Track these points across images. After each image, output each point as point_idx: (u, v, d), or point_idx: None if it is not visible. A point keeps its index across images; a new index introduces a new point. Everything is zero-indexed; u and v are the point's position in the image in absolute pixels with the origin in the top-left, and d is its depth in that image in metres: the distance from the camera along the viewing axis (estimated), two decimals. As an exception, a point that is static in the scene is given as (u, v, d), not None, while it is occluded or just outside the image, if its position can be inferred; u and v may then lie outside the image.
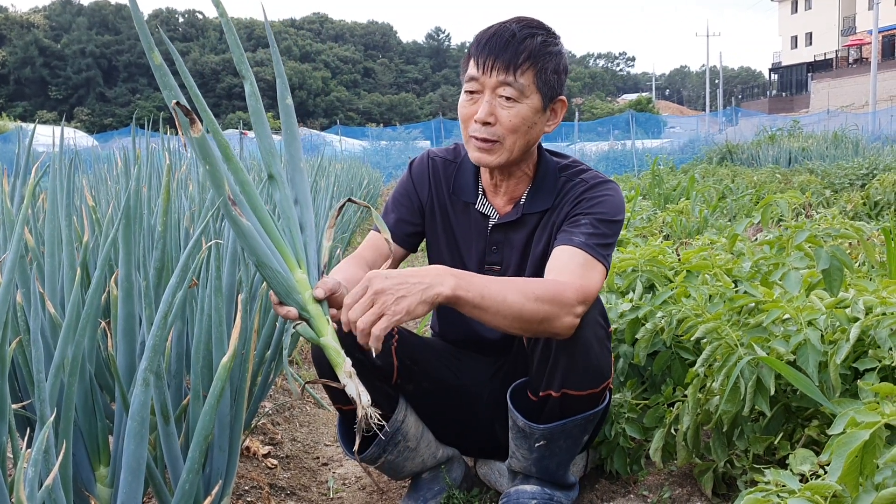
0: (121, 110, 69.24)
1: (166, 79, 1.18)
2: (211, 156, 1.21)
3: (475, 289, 1.47)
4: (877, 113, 25.42)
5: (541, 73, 1.69)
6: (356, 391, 1.32)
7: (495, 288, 1.50)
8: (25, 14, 76.24)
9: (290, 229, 1.36)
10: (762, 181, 7.78)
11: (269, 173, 1.35)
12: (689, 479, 2.00)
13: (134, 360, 1.49)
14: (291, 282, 1.34)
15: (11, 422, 1.16)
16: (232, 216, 1.25)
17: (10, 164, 5.55)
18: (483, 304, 1.48)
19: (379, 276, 1.39)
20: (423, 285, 1.41)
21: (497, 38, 1.68)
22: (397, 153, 21.97)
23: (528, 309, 1.53)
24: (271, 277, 1.32)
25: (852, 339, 1.63)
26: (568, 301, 1.59)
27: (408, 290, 1.39)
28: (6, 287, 1.07)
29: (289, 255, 1.35)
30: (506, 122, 1.70)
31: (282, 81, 1.37)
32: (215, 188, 1.24)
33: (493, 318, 1.51)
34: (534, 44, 1.68)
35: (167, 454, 1.38)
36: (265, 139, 1.37)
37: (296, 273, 1.35)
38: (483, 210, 1.90)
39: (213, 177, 1.22)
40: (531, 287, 1.55)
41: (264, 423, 2.58)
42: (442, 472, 2.01)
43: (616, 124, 25.79)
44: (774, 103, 47.92)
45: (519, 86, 1.68)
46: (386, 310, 1.36)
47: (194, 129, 1.18)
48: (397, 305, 1.37)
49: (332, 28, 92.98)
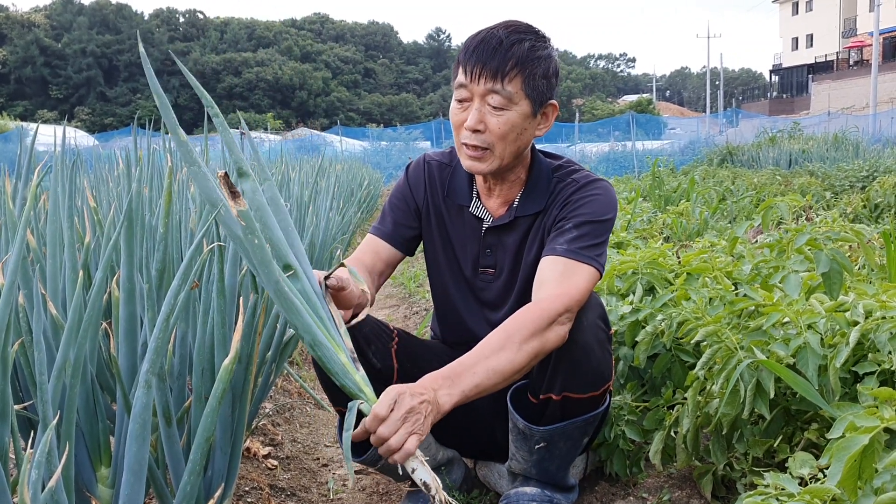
0: (121, 110, 69.26)
1: (190, 155, 1.22)
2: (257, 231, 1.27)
3: (467, 384, 1.49)
4: (877, 115, 25.42)
5: (529, 79, 1.69)
6: (430, 476, 1.34)
7: (482, 367, 1.52)
8: (26, 13, 76.26)
9: (319, 316, 1.38)
10: (762, 183, 7.78)
11: (285, 264, 1.36)
12: (689, 481, 2.00)
13: (136, 362, 1.50)
14: (343, 362, 1.37)
15: (14, 423, 1.16)
16: (284, 293, 1.29)
17: (10, 164, 5.55)
18: (480, 388, 1.51)
19: (406, 394, 1.40)
20: (429, 405, 1.43)
21: (484, 46, 1.68)
22: (398, 154, 21.99)
23: (518, 360, 1.56)
24: (327, 358, 1.36)
25: (852, 343, 1.63)
26: (550, 319, 1.61)
27: (425, 409, 1.42)
28: (8, 289, 1.07)
29: (330, 338, 1.37)
30: (495, 129, 1.70)
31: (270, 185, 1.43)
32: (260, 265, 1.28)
33: (496, 388, 1.55)
34: (521, 50, 1.67)
35: (169, 455, 1.39)
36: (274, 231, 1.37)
37: (341, 355, 1.38)
38: (477, 213, 1.91)
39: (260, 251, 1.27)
40: (513, 337, 1.57)
41: (265, 423, 2.58)
42: (442, 474, 2.01)
43: (616, 125, 25.82)
44: (775, 105, 47.93)
45: (507, 93, 1.68)
46: (416, 429, 1.39)
47: (239, 203, 1.23)
48: (422, 426, 1.40)
49: (333, 28, 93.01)
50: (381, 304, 5.02)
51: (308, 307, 1.35)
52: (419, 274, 5.34)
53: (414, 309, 4.72)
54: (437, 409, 1.44)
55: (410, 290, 5.21)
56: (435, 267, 2.00)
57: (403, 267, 5.85)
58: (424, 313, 4.44)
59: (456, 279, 1.96)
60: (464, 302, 1.97)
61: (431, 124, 28.18)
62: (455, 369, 1.51)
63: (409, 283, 5.31)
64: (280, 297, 1.27)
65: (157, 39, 76.15)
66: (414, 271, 5.52)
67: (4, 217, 1.75)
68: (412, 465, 1.36)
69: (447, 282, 1.98)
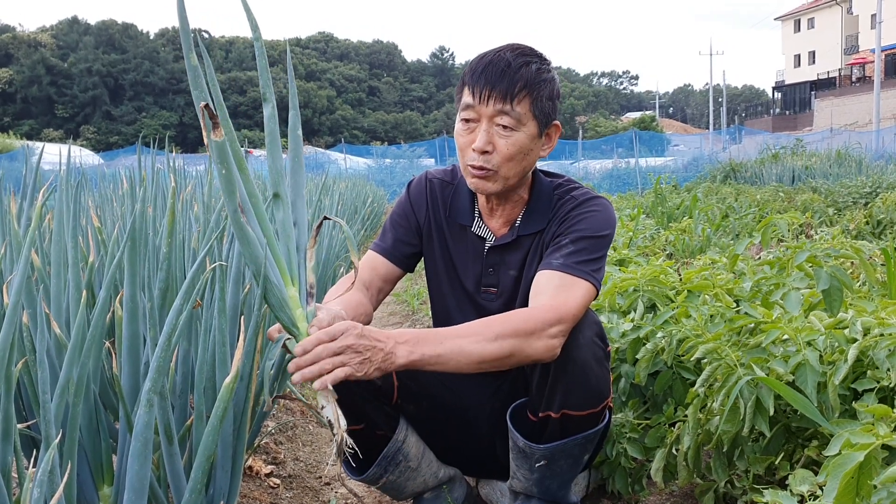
0: (126, 128, 69.65)
1: (199, 80, 1.22)
2: (228, 161, 1.25)
3: (430, 349, 1.50)
4: (880, 131, 25.45)
5: (537, 101, 1.71)
6: (334, 415, 1.35)
7: (450, 343, 1.53)
8: (33, 33, 76.87)
9: (287, 247, 1.38)
10: (765, 200, 7.79)
11: (274, 192, 1.38)
12: (691, 499, 2.00)
13: (138, 381, 1.51)
14: (285, 296, 1.37)
15: (17, 441, 1.17)
16: (240, 223, 1.29)
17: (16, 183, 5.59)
18: (441, 360, 1.52)
19: (355, 330, 1.41)
20: (383, 353, 1.44)
21: (493, 67, 1.70)
22: (401, 171, 22.04)
23: (489, 350, 1.56)
24: (267, 289, 1.35)
25: (850, 360, 1.63)
26: (536, 326, 1.61)
27: (372, 355, 1.42)
28: (13, 308, 1.09)
29: (285, 270, 1.37)
30: (503, 150, 1.72)
31: (295, 113, 1.41)
32: (227, 194, 1.27)
33: (457, 368, 1.55)
34: (529, 72, 1.70)
35: (170, 474, 1.39)
36: (277, 160, 1.40)
37: (290, 289, 1.37)
38: (479, 233, 1.92)
39: (228, 182, 1.26)
40: (492, 327, 1.58)
41: (267, 442, 2.59)
42: (444, 492, 2.01)
43: (620, 142, 25.84)
44: (778, 121, 47.95)
45: (516, 115, 1.70)
46: (349, 363, 1.39)
47: (216, 133, 1.23)
48: (360, 366, 1.41)
49: (338, 47, 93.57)
50: (385, 322, 5.03)
51: (273, 239, 1.35)
52: (422, 291, 5.35)
53: (417, 326, 4.73)
54: (391, 360, 1.45)
55: (413, 308, 5.22)
56: (436, 284, 2.01)
57: (406, 284, 5.86)
58: (427, 331, 4.44)
59: (457, 297, 1.97)
60: (464, 320, 1.98)
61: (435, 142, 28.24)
62: (426, 333, 1.54)
63: (412, 300, 5.32)
64: (235, 224, 1.29)
65: (162, 59, 76.69)
66: (417, 289, 5.52)
67: (10, 237, 1.77)
68: (322, 401, 1.36)
69: (448, 299, 1.99)
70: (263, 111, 1.37)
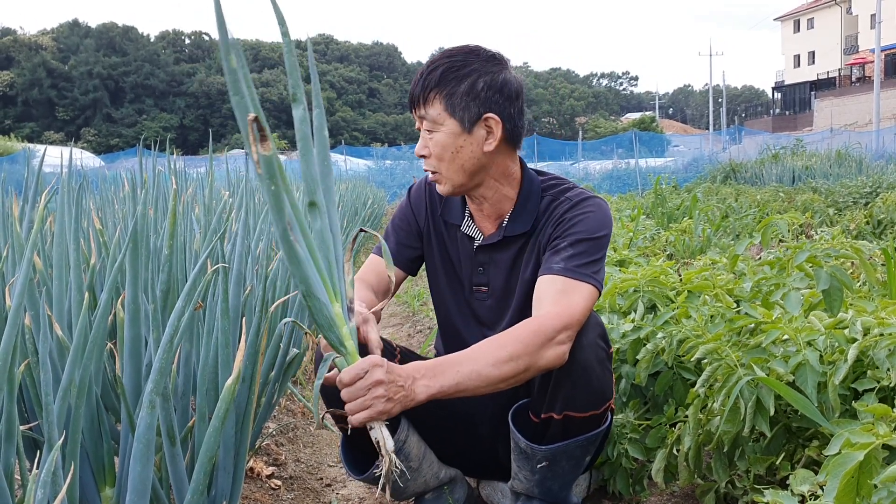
0: (127, 131, 69.62)
1: (238, 84, 1.14)
2: (277, 176, 1.18)
3: (448, 381, 1.51)
4: (880, 131, 25.44)
5: (449, 99, 1.74)
6: (381, 436, 1.35)
7: (467, 369, 1.54)
8: (34, 36, 76.90)
9: (328, 261, 1.33)
10: (766, 200, 7.79)
11: (311, 201, 1.32)
12: (692, 499, 2.01)
13: (140, 382, 1.51)
14: (332, 314, 1.32)
15: (19, 443, 1.18)
16: (289, 242, 1.23)
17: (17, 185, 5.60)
18: (459, 389, 1.53)
19: (381, 367, 1.42)
20: (404, 392, 1.45)
21: (416, 77, 1.79)
22: (402, 172, 22.04)
23: (506, 371, 1.57)
24: (317, 309, 1.30)
25: (850, 360, 1.64)
26: (546, 337, 1.62)
27: (395, 394, 1.43)
28: (15, 311, 1.09)
29: (329, 286, 1.32)
30: (432, 151, 1.79)
31: (319, 111, 1.36)
32: (276, 212, 1.21)
33: (476, 393, 1.56)
34: (435, 75, 1.75)
35: (172, 475, 1.40)
36: (311, 165, 1.33)
37: (335, 306, 1.33)
38: (468, 232, 1.94)
39: (276, 199, 1.19)
40: (505, 348, 1.58)
41: (268, 443, 2.59)
42: (445, 493, 2.01)
43: (620, 143, 25.84)
44: (778, 122, 47.94)
45: (431, 116, 1.76)
46: (376, 406, 1.40)
47: (265, 147, 1.15)
48: (386, 405, 1.41)
49: (338, 49, 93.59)
50: (386, 323, 5.04)
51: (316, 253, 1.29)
52: (423, 293, 5.36)
53: (417, 328, 4.74)
54: (411, 397, 1.46)
55: (414, 309, 5.23)
56: (436, 286, 2.02)
57: (407, 286, 5.87)
58: (428, 332, 4.45)
59: (456, 298, 1.99)
60: (463, 320, 1.99)
61: (435, 143, 28.19)
62: (441, 363, 1.54)
63: (412, 301, 5.33)
64: (285, 244, 1.23)
65: (162, 61, 76.69)
66: (418, 290, 5.53)
67: (12, 239, 1.77)
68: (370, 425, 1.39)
69: (448, 300, 2.00)
70: (293, 113, 1.29)
